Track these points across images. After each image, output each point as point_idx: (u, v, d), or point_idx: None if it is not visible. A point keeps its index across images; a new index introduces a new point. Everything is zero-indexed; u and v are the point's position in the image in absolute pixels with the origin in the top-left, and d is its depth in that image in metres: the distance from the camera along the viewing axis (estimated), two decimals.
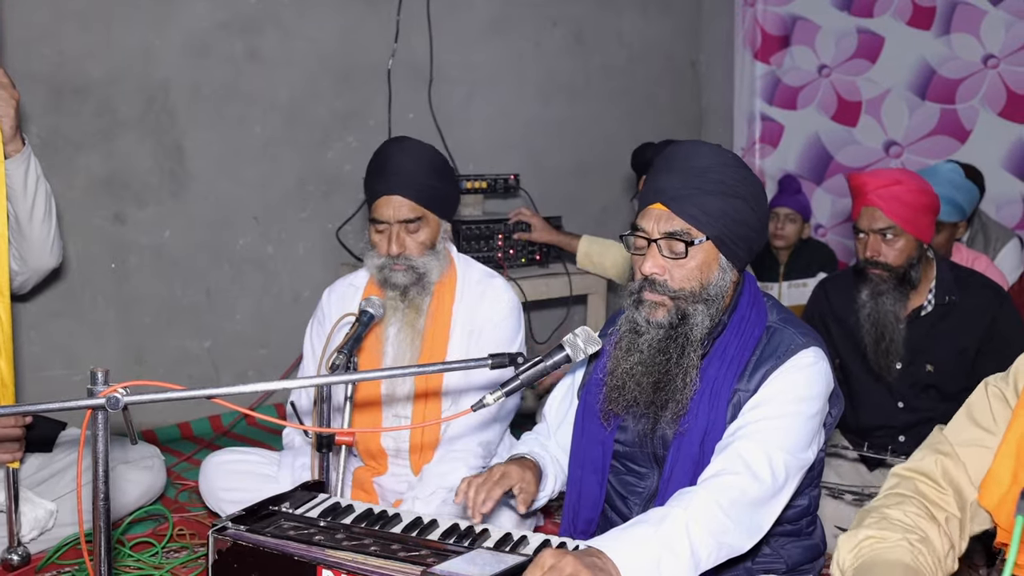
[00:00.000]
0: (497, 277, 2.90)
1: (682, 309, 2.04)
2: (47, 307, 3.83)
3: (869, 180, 3.01)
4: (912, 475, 1.74)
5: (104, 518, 1.66)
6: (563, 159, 5.29)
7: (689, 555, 1.81)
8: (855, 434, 3.19)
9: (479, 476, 2.11)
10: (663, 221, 2.03)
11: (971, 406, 1.76)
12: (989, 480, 1.63)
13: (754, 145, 5.90)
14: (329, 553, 1.81)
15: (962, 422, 1.76)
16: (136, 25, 3.94)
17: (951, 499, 1.69)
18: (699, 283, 2.04)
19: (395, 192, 2.71)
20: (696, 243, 2.01)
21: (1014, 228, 4.96)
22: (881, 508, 1.69)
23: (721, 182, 2.02)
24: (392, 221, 2.71)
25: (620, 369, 2.09)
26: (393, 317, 2.75)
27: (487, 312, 2.80)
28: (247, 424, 4.22)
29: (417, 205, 2.72)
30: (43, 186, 2.69)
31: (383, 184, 2.73)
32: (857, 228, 3.05)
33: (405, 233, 2.72)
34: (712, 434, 2.05)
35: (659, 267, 2.03)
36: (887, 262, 2.99)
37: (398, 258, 2.71)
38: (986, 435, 1.70)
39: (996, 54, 5.09)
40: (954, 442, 1.74)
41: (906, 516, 1.65)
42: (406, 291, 2.73)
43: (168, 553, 2.84)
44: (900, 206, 2.95)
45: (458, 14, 4.83)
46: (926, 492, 1.70)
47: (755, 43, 5.83)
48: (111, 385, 1.62)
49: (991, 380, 1.75)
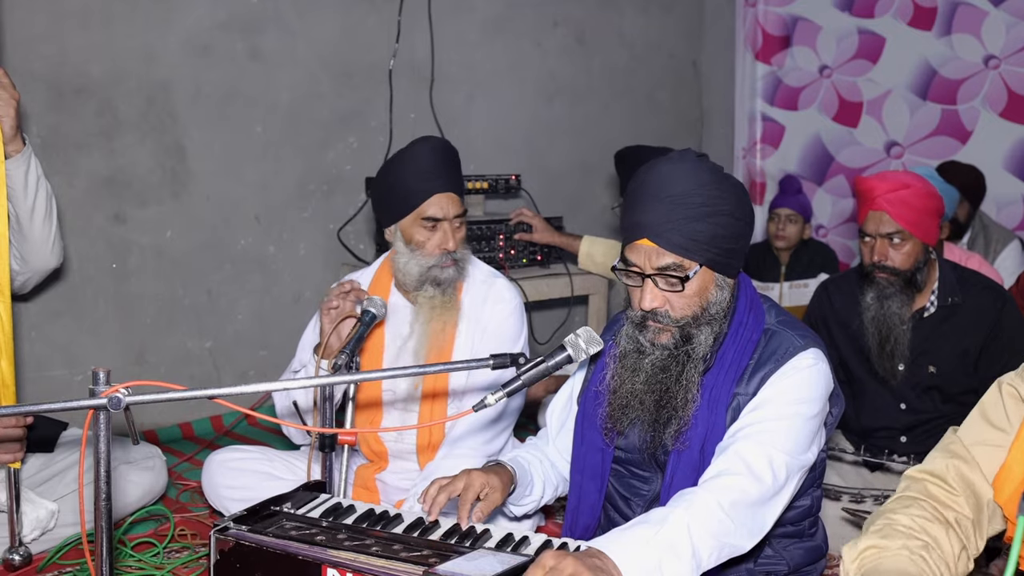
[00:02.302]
0: (501, 277, 2.92)
1: (687, 332, 2.04)
2: (48, 307, 3.83)
3: (877, 184, 2.99)
4: (923, 476, 1.74)
5: (106, 518, 1.66)
6: (564, 159, 5.29)
7: (690, 556, 1.80)
8: (856, 435, 3.19)
9: (445, 479, 2.10)
10: (653, 256, 2.00)
11: (985, 406, 1.75)
12: (1003, 474, 1.63)
13: (755, 146, 5.91)
14: (331, 553, 1.81)
15: (976, 422, 1.75)
16: (137, 25, 3.94)
17: (962, 500, 1.68)
18: (700, 307, 2.03)
19: (448, 189, 2.76)
20: (691, 275, 1.99)
21: (1015, 229, 4.96)
22: (888, 513, 1.69)
23: (703, 204, 1.97)
24: (449, 217, 2.75)
25: (624, 389, 2.08)
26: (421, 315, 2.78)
27: (491, 310, 2.82)
28: (248, 424, 4.22)
29: (461, 201, 2.80)
30: (44, 186, 2.69)
31: (435, 182, 2.75)
32: (863, 232, 3.03)
33: (457, 229, 2.79)
34: (712, 439, 2.04)
35: (658, 300, 2.02)
36: (894, 266, 2.98)
37: (453, 253, 2.75)
38: (1000, 434, 1.69)
39: (997, 55, 5.09)
40: (968, 443, 1.73)
41: (912, 521, 1.64)
42: (447, 289, 2.77)
43: (169, 553, 2.84)
44: (908, 210, 2.94)
45: (459, 14, 4.83)
46: (935, 493, 1.70)
47: (756, 44, 5.83)
48: (112, 385, 1.62)
49: (1005, 379, 1.74)
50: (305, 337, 2.93)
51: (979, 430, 1.73)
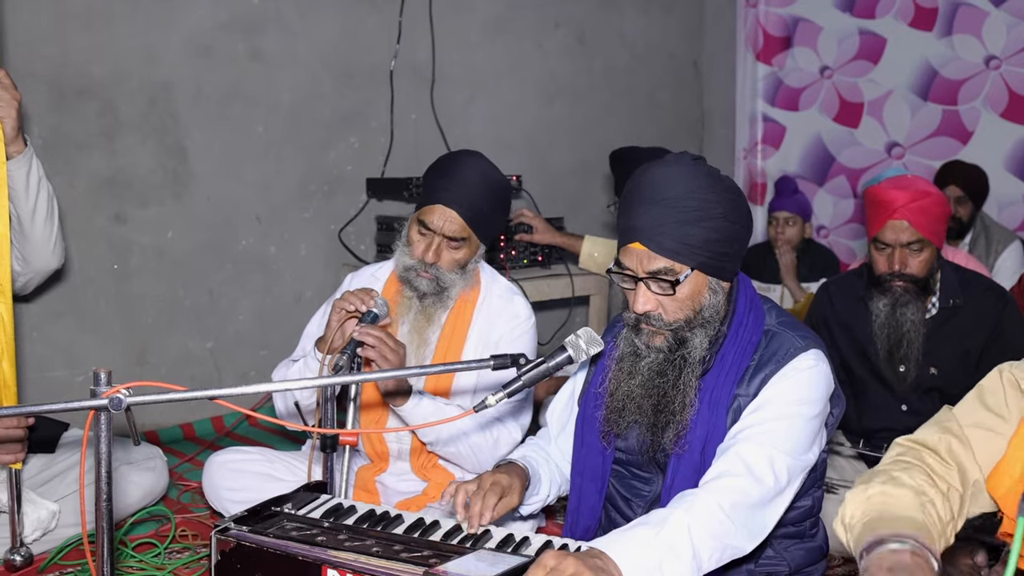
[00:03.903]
0: (519, 295, 2.88)
1: (680, 336, 2.04)
2: (49, 308, 3.84)
3: (898, 195, 2.96)
4: (917, 446, 1.72)
5: (107, 519, 1.66)
6: (565, 160, 5.29)
7: (691, 557, 1.80)
8: (858, 436, 3.19)
9: (471, 483, 2.08)
10: (645, 260, 1.99)
11: (984, 390, 1.74)
12: (1001, 468, 1.62)
13: (756, 146, 5.91)
14: (332, 554, 1.81)
15: (973, 404, 1.74)
16: (138, 25, 3.94)
17: (955, 473, 1.67)
18: (692, 310, 2.03)
19: (452, 205, 2.67)
20: (682, 279, 1.99)
21: (1016, 229, 4.96)
22: (889, 471, 1.66)
23: (697, 208, 1.97)
24: (438, 231, 2.69)
25: (620, 391, 2.08)
26: (406, 316, 2.76)
27: (504, 327, 2.80)
28: (249, 425, 4.23)
29: (467, 226, 2.70)
30: (45, 187, 2.69)
31: (443, 192, 2.69)
32: (881, 242, 3.00)
33: (446, 247, 2.70)
34: (713, 440, 2.04)
35: (651, 304, 2.02)
36: (913, 273, 2.97)
37: (430, 267, 2.70)
38: (997, 420, 1.69)
39: (998, 55, 5.09)
40: (963, 423, 1.72)
41: (913, 480, 1.62)
42: (423, 297, 2.73)
43: (170, 554, 2.84)
44: (928, 219, 2.94)
45: (460, 15, 4.83)
46: (930, 463, 1.68)
47: (757, 44, 5.83)
48: (114, 386, 1.62)
49: (1007, 367, 1.74)
50: (310, 326, 2.93)
51: (975, 412, 1.72)
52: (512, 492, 2.10)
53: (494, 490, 2.05)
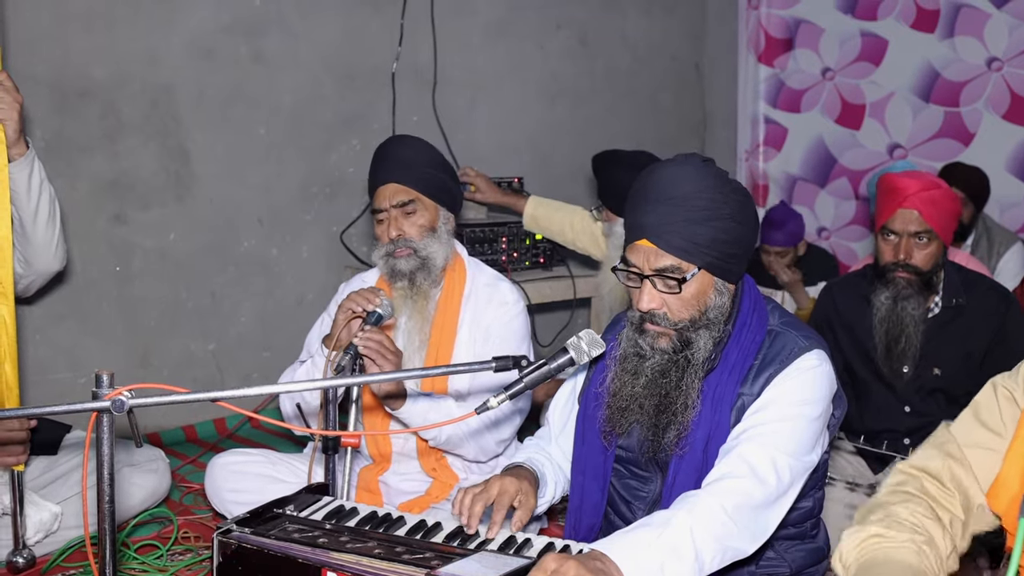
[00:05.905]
0: (505, 280, 2.93)
1: (685, 336, 2.04)
2: (52, 310, 3.84)
3: (909, 183, 2.97)
4: (919, 474, 1.72)
5: (109, 521, 1.66)
6: (567, 162, 5.28)
7: (693, 559, 1.80)
8: (860, 437, 3.18)
9: (476, 487, 2.08)
10: (652, 257, 2.00)
11: (978, 407, 1.74)
12: (999, 483, 1.62)
13: (758, 148, 5.90)
14: (333, 556, 1.81)
15: (969, 423, 1.74)
16: (140, 28, 3.95)
17: (956, 502, 1.68)
18: (698, 310, 2.03)
19: (389, 180, 2.81)
20: (689, 277, 1.99)
21: (1018, 231, 4.95)
22: (887, 505, 1.67)
23: (705, 208, 1.97)
24: (388, 207, 2.79)
25: (624, 392, 2.08)
26: (403, 308, 2.78)
27: (494, 313, 2.82)
28: (251, 427, 4.23)
29: (410, 189, 2.80)
30: (47, 189, 2.69)
31: (379, 175, 2.83)
32: (888, 229, 3.00)
33: (402, 217, 2.79)
34: (715, 439, 2.04)
35: (656, 302, 2.02)
36: (917, 265, 2.97)
37: (398, 241, 2.77)
38: (994, 437, 1.69)
39: (1000, 57, 5.09)
40: (962, 443, 1.72)
41: (912, 516, 1.63)
42: (413, 278, 2.78)
43: (173, 556, 2.84)
44: (937, 211, 2.94)
45: (462, 17, 4.83)
46: (932, 492, 1.68)
47: (759, 46, 5.83)
48: (116, 388, 1.62)
49: (999, 380, 1.73)
50: (312, 332, 2.94)
51: (972, 432, 1.72)
52: (526, 495, 2.11)
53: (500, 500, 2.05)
